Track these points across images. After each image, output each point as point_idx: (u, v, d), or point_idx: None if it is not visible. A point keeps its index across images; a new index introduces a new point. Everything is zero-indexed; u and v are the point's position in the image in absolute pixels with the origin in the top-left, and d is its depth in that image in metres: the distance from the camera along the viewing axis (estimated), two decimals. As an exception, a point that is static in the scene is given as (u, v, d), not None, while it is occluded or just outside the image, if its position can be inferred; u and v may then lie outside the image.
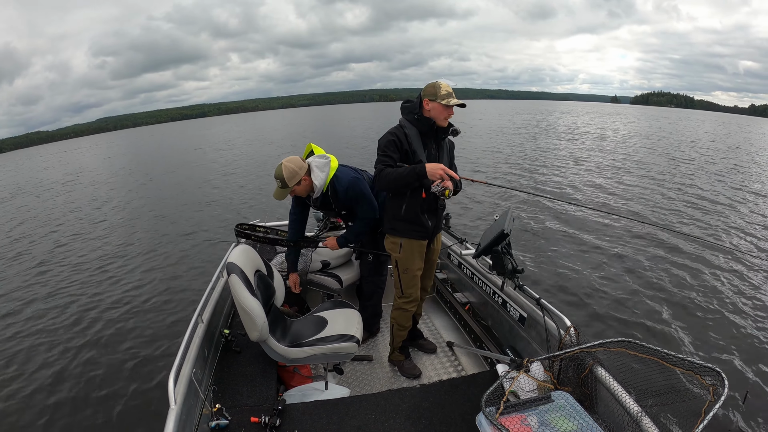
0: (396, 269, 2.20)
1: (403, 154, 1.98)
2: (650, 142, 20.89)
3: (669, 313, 4.24)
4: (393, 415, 1.71)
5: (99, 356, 3.69)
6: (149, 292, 4.98)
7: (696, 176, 11.68)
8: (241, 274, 1.82)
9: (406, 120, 2.03)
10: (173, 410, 1.35)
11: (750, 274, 5.20)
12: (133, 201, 10.54)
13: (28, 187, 15.31)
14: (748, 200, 8.98)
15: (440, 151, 2.09)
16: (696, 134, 27.25)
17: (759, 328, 3.93)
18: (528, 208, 8.32)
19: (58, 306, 4.75)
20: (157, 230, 7.69)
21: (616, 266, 5.42)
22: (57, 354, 3.75)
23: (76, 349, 3.82)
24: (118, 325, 4.22)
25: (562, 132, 25.57)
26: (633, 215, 7.57)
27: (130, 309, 4.56)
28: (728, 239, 6.64)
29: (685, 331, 3.91)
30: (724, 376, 1.18)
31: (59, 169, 22.38)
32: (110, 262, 6.15)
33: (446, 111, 1.96)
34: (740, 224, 7.29)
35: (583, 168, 12.65)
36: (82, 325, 4.25)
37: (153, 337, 3.96)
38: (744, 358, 3.49)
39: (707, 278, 5.08)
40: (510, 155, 15.34)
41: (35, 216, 9.80)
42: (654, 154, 15.97)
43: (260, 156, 18.52)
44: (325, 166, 2.31)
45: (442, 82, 1.96)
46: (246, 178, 12.63)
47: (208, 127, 62.16)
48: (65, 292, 5.15)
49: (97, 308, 4.62)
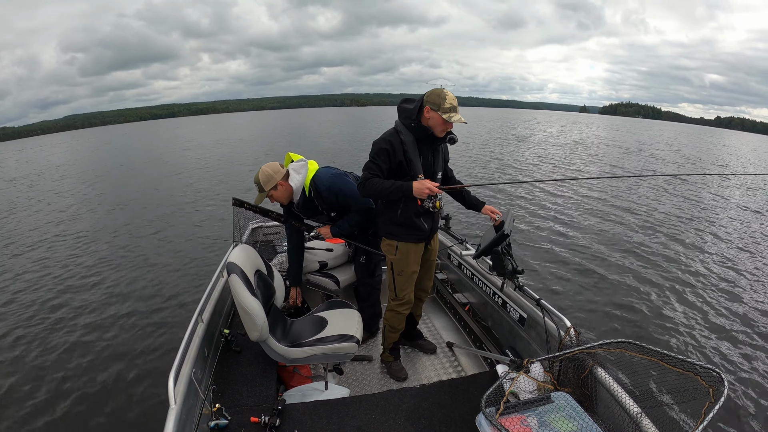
0: (391, 271, 2.19)
1: (396, 164, 1.93)
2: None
3: (669, 313, 4.24)
4: (393, 416, 1.71)
5: (99, 356, 3.68)
6: (149, 292, 4.98)
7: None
8: (241, 274, 1.82)
9: (402, 125, 1.95)
10: (173, 410, 1.35)
11: (751, 275, 5.21)
12: (131, 199, 10.54)
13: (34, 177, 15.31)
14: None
15: (435, 156, 2.03)
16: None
17: (760, 329, 3.94)
18: (528, 208, 8.33)
19: (57, 306, 4.75)
20: (157, 231, 7.69)
21: (616, 267, 5.43)
22: (57, 353, 3.75)
23: (76, 349, 3.82)
24: (118, 325, 4.22)
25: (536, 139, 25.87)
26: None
27: (129, 309, 4.55)
28: (731, 243, 6.65)
29: (685, 331, 3.91)
30: (724, 377, 1.18)
31: (52, 161, 22.40)
32: (110, 262, 6.14)
33: (446, 124, 1.89)
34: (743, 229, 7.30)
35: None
36: (82, 326, 4.25)
37: (153, 336, 3.96)
38: (744, 358, 3.49)
39: (707, 278, 5.09)
40: (487, 159, 15.70)
41: (33, 215, 9.80)
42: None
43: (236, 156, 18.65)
44: (302, 168, 2.30)
45: (447, 93, 1.86)
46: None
47: (179, 126, 61.30)
48: (64, 293, 5.15)
49: (97, 308, 4.62)
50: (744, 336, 3.84)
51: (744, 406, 2.92)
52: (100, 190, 12.22)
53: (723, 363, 3.44)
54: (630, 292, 4.71)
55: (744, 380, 3.22)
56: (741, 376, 3.26)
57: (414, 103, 1.93)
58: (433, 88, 1.92)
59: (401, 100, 2.02)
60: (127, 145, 31.70)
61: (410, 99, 1.98)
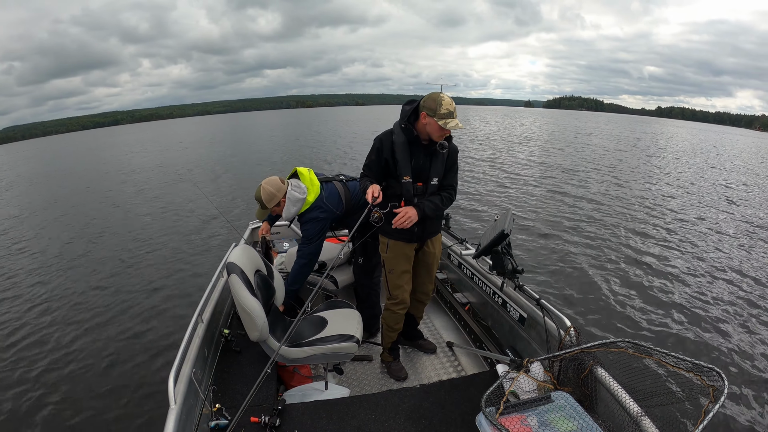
0: (384, 269, 2.21)
1: (383, 162, 1.96)
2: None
3: (669, 313, 4.24)
4: (393, 415, 1.71)
5: (99, 356, 3.69)
6: (149, 292, 4.98)
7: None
8: (241, 274, 1.82)
9: (398, 125, 1.95)
10: (173, 410, 1.35)
11: (752, 274, 5.21)
12: (133, 200, 10.54)
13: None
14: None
15: (433, 161, 1.97)
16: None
17: (760, 328, 3.94)
18: (528, 208, 8.33)
19: (56, 307, 4.75)
20: (157, 230, 7.69)
21: (616, 266, 5.43)
22: (57, 354, 3.75)
23: (75, 349, 3.82)
24: (118, 325, 4.22)
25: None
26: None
27: (129, 309, 4.55)
28: (734, 242, 6.65)
29: (686, 331, 3.91)
30: (724, 376, 1.18)
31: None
32: (109, 262, 6.14)
33: (442, 131, 1.86)
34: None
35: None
36: (82, 326, 4.25)
37: (153, 337, 3.96)
38: (744, 358, 3.49)
39: (707, 277, 5.09)
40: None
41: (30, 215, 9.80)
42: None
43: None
44: (298, 202, 2.32)
45: (444, 98, 1.82)
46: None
47: (124, 133, 58.73)
48: (63, 294, 5.15)
49: (96, 309, 4.62)
50: (745, 335, 3.84)
51: (744, 405, 2.92)
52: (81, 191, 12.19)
53: (723, 362, 3.44)
54: (630, 292, 4.71)
55: (745, 380, 3.21)
56: (742, 376, 3.26)
57: (413, 105, 1.92)
58: (430, 92, 1.88)
59: (405, 101, 2.00)
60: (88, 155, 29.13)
61: (413, 100, 1.96)
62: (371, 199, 1.84)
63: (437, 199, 2.01)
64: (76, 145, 42.19)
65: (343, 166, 13.70)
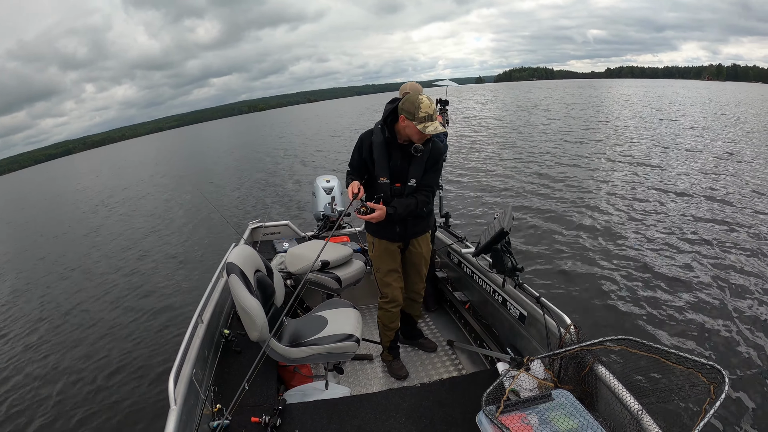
0: (372, 267, 2.27)
1: (362, 162, 1.99)
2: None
3: (670, 311, 4.24)
4: (393, 415, 1.71)
5: (99, 357, 3.69)
6: (149, 292, 4.98)
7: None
8: (240, 274, 1.82)
9: (377, 125, 1.96)
10: (174, 410, 1.35)
11: (755, 272, 5.20)
12: (137, 205, 10.54)
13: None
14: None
15: (412, 162, 1.95)
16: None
17: (761, 327, 3.93)
18: (528, 207, 8.32)
19: (57, 308, 4.75)
20: (156, 231, 7.68)
21: (616, 264, 5.42)
22: (57, 354, 3.76)
23: (76, 350, 3.83)
24: (118, 325, 4.22)
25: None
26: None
27: (130, 309, 4.56)
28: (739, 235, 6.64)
29: (686, 329, 3.91)
30: (725, 373, 1.18)
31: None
32: (108, 263, 6.14)
33: (421, 134, 1.82)
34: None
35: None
36: (82, 327, 4.25)
37: (153, 337, 3.96)
38: (745, 356, 3.49)
39: (707, 275, 5.08)
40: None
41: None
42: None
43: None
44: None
45: (423, 100, 1.77)
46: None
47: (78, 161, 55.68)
48: (62, 294, 5.15)
49: (96, 309, 4.62)
50: (746, 334, 3.83)
51: (745, 404, 2.92)
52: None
53: (724, 360, 3.43)
54: (630, 289, 4.71)
55: (745, 378, 3.21)
56: (742, 374, 3.26)
57: (393, 105, 1.90)
58: (408, 95, 1.83)
59: (389, 100, 1.98)
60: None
61: (395, 99, 1.96)
62: (351, 196, 1.90)
63: (412, 200, 1.99)
64: (49, 174, 40.44)
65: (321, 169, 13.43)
